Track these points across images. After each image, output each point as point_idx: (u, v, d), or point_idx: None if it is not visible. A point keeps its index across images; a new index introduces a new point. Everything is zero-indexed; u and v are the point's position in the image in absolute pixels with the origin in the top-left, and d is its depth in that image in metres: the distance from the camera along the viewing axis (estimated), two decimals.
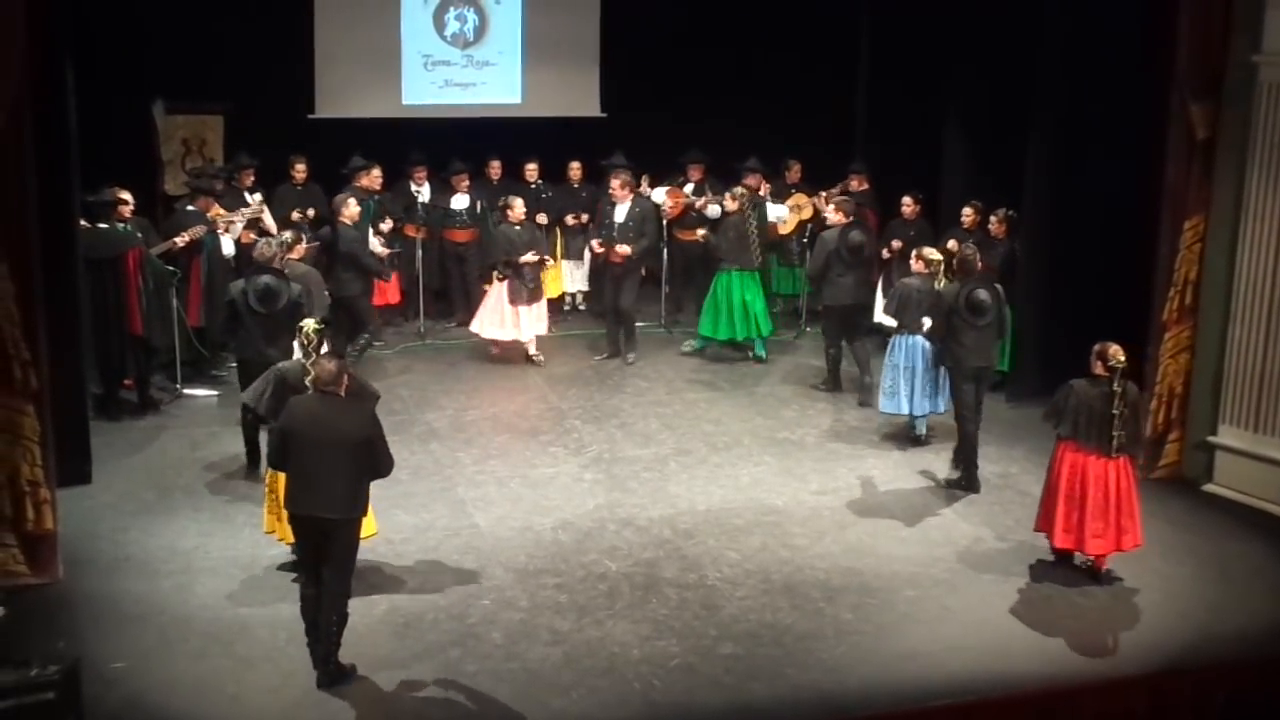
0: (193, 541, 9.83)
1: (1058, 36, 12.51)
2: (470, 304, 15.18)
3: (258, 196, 14.14)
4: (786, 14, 16.41)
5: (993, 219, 13.31)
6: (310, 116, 15.83)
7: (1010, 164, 13.09)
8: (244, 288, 10.89)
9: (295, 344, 9.68)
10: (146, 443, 11.72)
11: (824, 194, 15.37)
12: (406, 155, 15.30)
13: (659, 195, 15.34)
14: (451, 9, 16.52)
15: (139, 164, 14.22)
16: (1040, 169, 12.81)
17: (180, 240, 12.67)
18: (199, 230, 12.85)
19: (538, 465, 11.49)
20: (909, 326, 11.76)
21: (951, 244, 13.55)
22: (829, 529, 10.34)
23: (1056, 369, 12.64)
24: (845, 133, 16.43)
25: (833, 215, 13.41)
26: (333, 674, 8.04)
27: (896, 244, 14.16)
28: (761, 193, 15.20)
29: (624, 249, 13.97)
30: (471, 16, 16.60)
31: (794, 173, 15.95)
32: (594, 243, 14.49)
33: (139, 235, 12.19)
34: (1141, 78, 12.01)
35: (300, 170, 14.72)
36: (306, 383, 8.53)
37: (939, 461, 11.50)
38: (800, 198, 15.63)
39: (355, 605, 8.64)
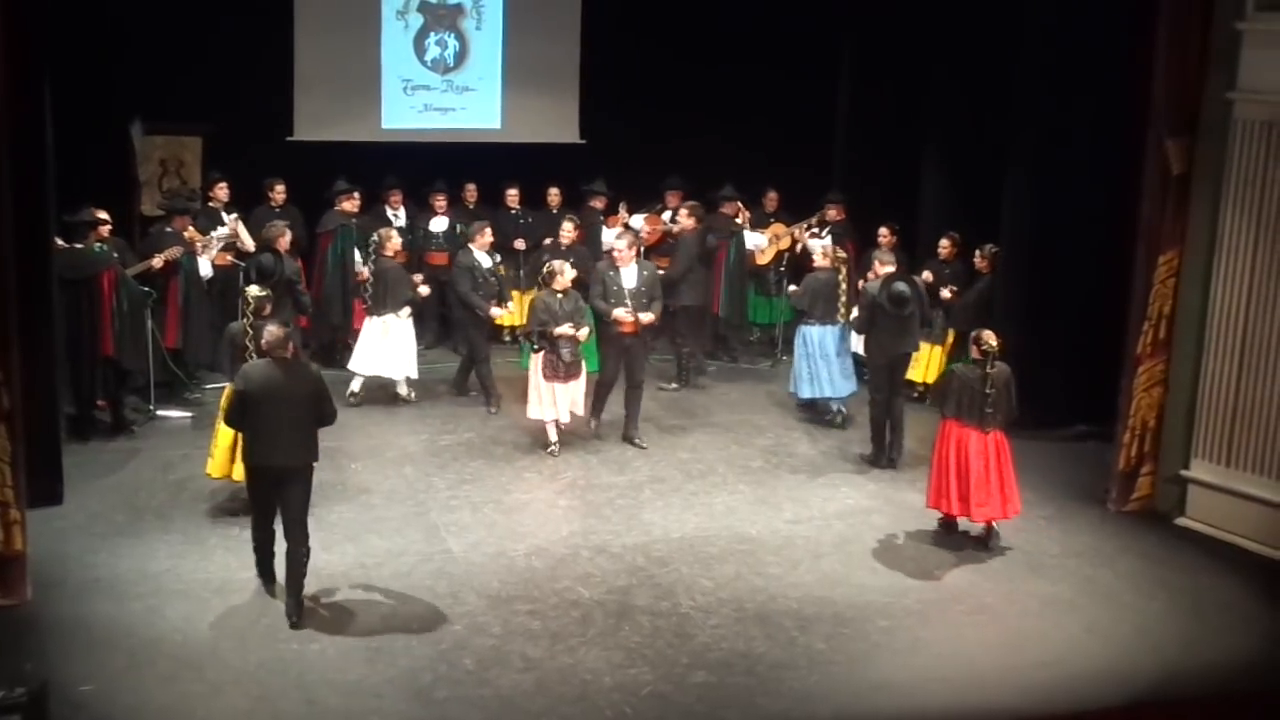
0: (163, 564, 9.77)
1: (1037, 73, 12.61)
2: (448, 328, 15.14)
3: (234, 216, 14.11)
4: (767, 43, 16.47)
5: (978, 254, 13.37)
6: (289, 139, 15.82)
7: (988, 196, 13.16)
8: (247, 264, 12.49)
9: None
10: (119, 464, 11.66)
11: (801, 225, 15.42)
12: (384, 179, 15.30)
13: (637, 222, 15.36)
14: (432, 34, 16.55)
15: (116, 184, 14.15)
16: (1018, 202, 12.89)
17: (157, 262, 12.64)
18: (176, 251, 12.82)
19: (512, 491, 11.47)
20: (818, 316, 13.02)
21: (927, 275, 13.66)
22: (803, 558, 10.33)
23: (1033, 401, 12.73)
24: (824, 161, 16.51)
25: (685, 220, 14.33)
26: (301, 607, 8.95)
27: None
28: (739, 220, 15.25)
29: (648, 316, 12.54)
30: (452, 42, 16.64)
31: (771, 201, 15.99)
32: (619, 313, 12.40)
33: (114, 256, 12.16)
34: (1118, 113, 12.11)
35: (279, 192, 14.71)
36: (247, 343, 9.57)
37: (914, 492, 11.47)
38: (779, 227, 15.68)
39: (326, 630, 8.71)
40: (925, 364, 13.60)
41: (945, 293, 13.55)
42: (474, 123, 16.73)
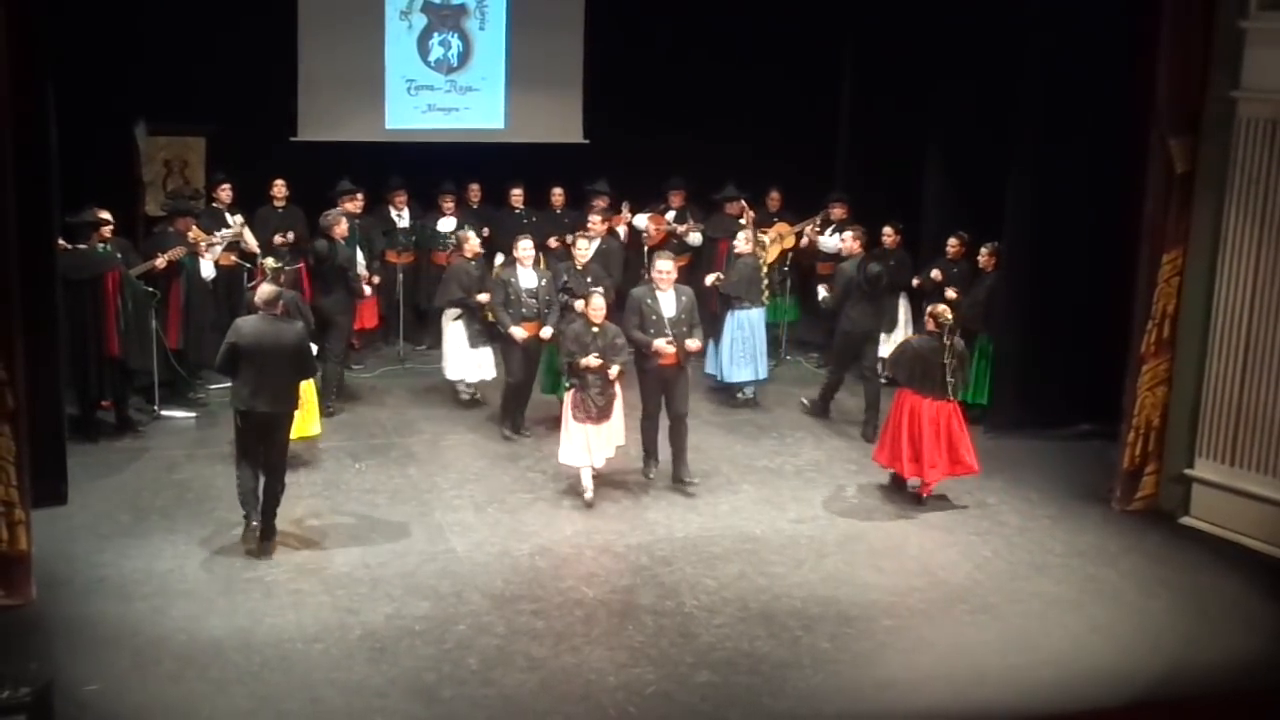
0: (168, 564, 9.78)
1: (1040, 70, 12.59)
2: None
3: (238, 218, 14.13)
4: (770, 43, 16.49)
5: (983, 251, 13.33)
6: (293, 139, 15.82)
7: (991, 195, 13.13)
8: (305, 250, 13.55)
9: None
10: (123, 464, 11.67)
11: (807, 223, 15.41)
12: (388, 179, 15.31)
13: (640, 221, 15.36)
14: (436, 34, 16.56)
15: (120, 185, 14.17)
16: (1021, 201, 12.84)
17: (160, 262, 12.64)
18: (178, 252, 12.82)
19: (516, 491, 11.47)
20: (751, 300, 13.71)
21: (935, 273, 13.65)
22: (807, 557, 10.34)
23: (1035, 401, 12.77)
24: (827, 161, 16.51)
25: (598, 226, 14.36)
26: (272, 529, 10.00)
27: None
28: (743, 220, 15.22)
29: (694, 344, 11.70)
30: (456, 42, 16.64)
31: (774, 201, 15.96)
32: (660, 344, 11.39)
33: (118, 256, 12.16)
34: (1122, 112, 12.10)
35: (279, 188, 14.71)
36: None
37: (917, 492, 11.51)
38: (782, 226, 15.66)
39: (330, 629, 8.70)
40: None
41: (950, 293, 13.50)
42: (478, 123, 16.73)
